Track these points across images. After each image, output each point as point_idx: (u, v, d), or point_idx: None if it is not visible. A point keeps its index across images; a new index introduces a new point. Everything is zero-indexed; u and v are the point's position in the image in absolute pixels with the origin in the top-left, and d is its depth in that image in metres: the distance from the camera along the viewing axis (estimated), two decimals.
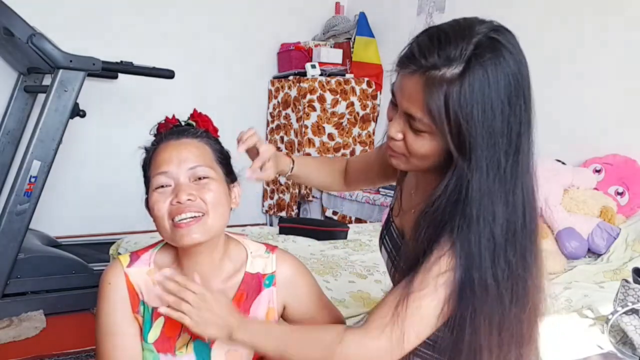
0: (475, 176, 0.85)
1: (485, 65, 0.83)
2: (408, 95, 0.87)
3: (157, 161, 1.01)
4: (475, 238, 0.86)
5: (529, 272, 0.90)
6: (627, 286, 1.44)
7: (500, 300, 0.87)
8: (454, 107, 0.83)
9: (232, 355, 1.04)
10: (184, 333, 1.03)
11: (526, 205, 0.89)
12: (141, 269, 1.04)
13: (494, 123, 0.83)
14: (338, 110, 3.73)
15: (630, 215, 2.39)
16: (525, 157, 0.88)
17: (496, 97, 0.83)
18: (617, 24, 2.60)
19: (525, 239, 0.89)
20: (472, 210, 0.85)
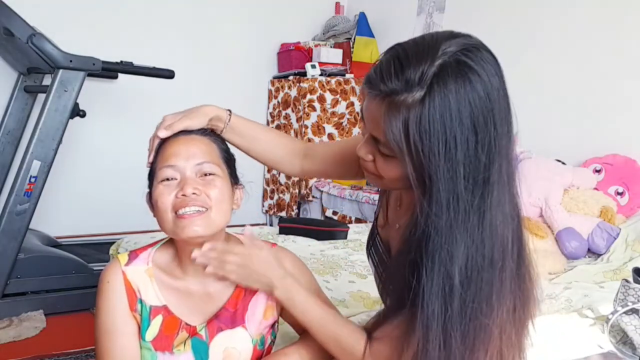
0: (433, 211, 0.79)
1: (448, 91, 0.76)
2: (372, 118, 0.84)
3: (165, 154, 1.01)
4: (430, 277, 0.80)
5: (490, 316, 0.82)
6: (627, 286, 1.44)
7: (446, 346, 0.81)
8: (413, 136, 0.77)
9: (230, 352, 1.04)
10: (182, 331, 1.03)
11: (495, 242, 0.81)
12: (139, 267, 1.05)
13: (456, 155, 0.77)
14: (338, 110, 3.73)
15: (630, 215, 2.39)
16: (496, 190, 0.80)
17: (459, 126, 0.76)
18: (618, 23, 2.60)
19: (493, 278, 0.81)
20: (430, 248, 0.80)
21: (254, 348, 1.06)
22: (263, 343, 1.08)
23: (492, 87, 0.78)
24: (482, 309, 0.81)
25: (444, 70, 0.76)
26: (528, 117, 2.78)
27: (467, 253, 0.80)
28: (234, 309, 1.05)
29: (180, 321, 1.03)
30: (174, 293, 1.05)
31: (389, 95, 0.79)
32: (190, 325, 1.04)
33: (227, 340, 1.04)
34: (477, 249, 0.80)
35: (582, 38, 2.74)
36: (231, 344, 1.04)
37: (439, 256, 0.79)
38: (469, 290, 0.80)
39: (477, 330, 0.82)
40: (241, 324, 1.05)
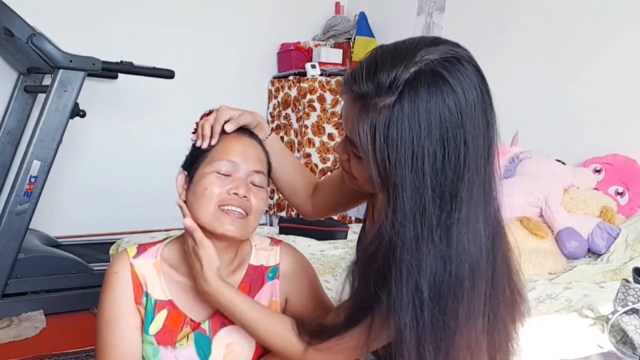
0: (399, 220, 0.77)
1: (419, 100, 0.74)
2: (346, 117, 0.84)
3: (229, 147, 1.02)
4: (399, 289, 0.77)
5: (458, 334, 0.80)
6: (627, 286, 1.44)
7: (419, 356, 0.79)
8: (379, 141, 0.76)
9: (233, 347, 1.05)
10: (186, 326, 1.03)
11: (463, 260, 0.78)
12: (147, 260, 1.05)
13: (423, 166, 0.75)
14: (338, 110, 3.72)
15: (630, 215, 2.38)
16: (465, 207, 0.77)
17: (427, 137, 0.74)
18: (617, 24, 2.60)
19: (461, 296, 0.78)
20: (397, 258, 0.77)
21: (257, 345, 1.07)
22: None
23: (466, 103, 0.76)
24: (451, 325, 0.79)
25: (417, 78, 0.75)
26: (528, 117, 2.78)
27: (434, 267, 0.77)
28: None
29: (185, 316, 1.03)
30: (180, 288, 1.05)
31: (361, 98, 0.78)
32: (194, 321, 1.04)
33: (230, 335, 1.04)
34: (445, 265, 0.77)
35: (582, 38, 2.73)
36: (234, 340, 1.04)
37: (407, 268, 0.77)
38: (438, 305, 0.78)
39: (448, 346, 0.80)
40: None
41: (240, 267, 1.08)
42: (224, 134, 1.04)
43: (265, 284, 1.08)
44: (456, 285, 0.78)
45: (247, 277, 1.07)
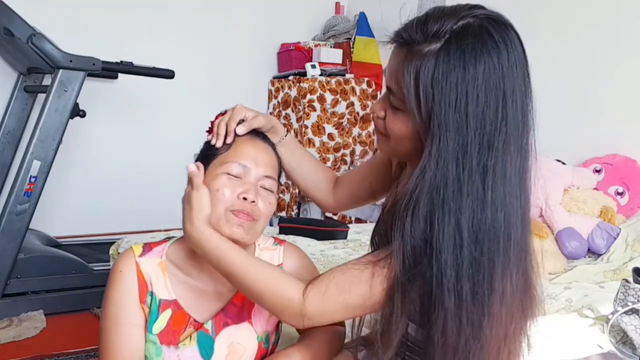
0: (443, 161, 0.80)
1: (464, 47, 0.79)
2: (390, 68, 0.88)
3: (241, 150, 1.03)
4: (441, 227, 0.81)
5: (498, 283, 0.83)
6: (627, 286, 1.44)
7: (458, 296, 0.82)
8: (424, 84, 0.80)
9: (235, 347, 1.05)
10: (189, 326, 1.03)
11: (498, 208, 0.82)
12: (153, 259, 1.05)
13: (467, 107, 0.79)
14: (338, 110, 3.73)
15: (630, 215, 2.39)
16: (497, 156, 0.82)
17: (471, 81, 0.79)
18: (617, 23, 2.60)
19: (496, 246, 0.82)
20: (439, 195, 0.81)
21: (259, 345, 1.07)
22: (268, 341, 1.09)
23: (508, 60, 0.81)
24: (489, 268, 0.82)
25: (464, 29, 0.80)
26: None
27: (473, 209, 0.81)
28: (240, 304, 1.06)
29: (188, 317, 1.04)
30: (185, 288, 1.05)
31: (408, 45, 0.83)
32: (198, 321, 1.04)
33: (233, 335, 1.04)
34: (482, 209, 0.81)
35: (582, 38, 2.74)
36: (236, 339, 1.04)
37: (448, 206, 0.80)
38: (476, 245, 0.81)
39: (485, 289, 0.82)
40: (247, 319, 1.06)
41: None
42: (237, 136, 1.05)
43: None
44: (493, 230, 0.82)
45: None
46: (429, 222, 0.82)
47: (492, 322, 0.84)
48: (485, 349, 0.85)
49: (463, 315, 0.83)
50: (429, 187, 0.82)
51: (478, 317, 0.83)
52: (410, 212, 0.83)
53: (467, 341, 0.84)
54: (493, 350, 0.86)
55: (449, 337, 0.83)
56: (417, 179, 0.84)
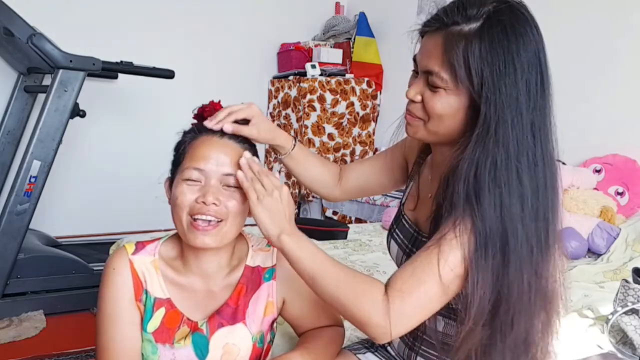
0: (500, 125, 0.86)
1: (504, 23, 0.86)
2: (428, 52, 0.92)
3: (196, 154, 1.00)
4: (505, 182, 0.86)
5: (551, 232, 0.91)
6: (627, 286, 1.44)
7: (528, 246, 0.87)
8: (475, 57, 0.86)
9: (230, 348, 1.05)
10: (183, 325, 1.03)
11: (546, 165, 0.91)
12: (146, 258, 1.05)
13: (515, 76, 0.86)
14: (338, 110, 3.73)
15: (630, 215, 2.39)
16: (541, 117, 0.90)
17: (515, 52, 0.86)
18: (617, 23, 2.60)
19: (547, 197, 0.90)
20: (500, 157, 0.86)
21: (254, 345, 1.07)
22: (262, 341, 1.09)
23: (538, 34, 0.90)
24: (545, 216, 0.90)
25: (498, 9, 0.88)
26: None
27: (528, 164, 0.88)
28: (235, 305, 1.06)
29: (182, 315, 1.04)
30: (177, 287, 1.05)
31: (449, 26, 0.89)
32: (191, 320, 1.04)
33: (227, 336, 1.04)
34: (535, 165, 0.89)
35: (582, 38, 2.74)
36: (231, 340, 1.04)
37: (510, 165, 0.86)
38: (535, 196, 0.88)
39: (543, 240, 0.89)
40: (242, 320, 1.06)
41: (237, 267, 1.08)
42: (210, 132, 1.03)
43: (262, 285, 1.08)
44: (543, 182, 0.90)
45: (244, 277, 1.07)
46: (496, 182, 0.87)
47: (549, 267, 0.91)
48: (546, 296, 0.92)
49: (531, 264, 0.88)
50: (490, 150, 0.87)
51: (542, 265, 0.90)
52: (474, 177, 0.88)
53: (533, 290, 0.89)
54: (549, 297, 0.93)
55: (523, 291, 0.87)
56: (475, 145, 0.88)
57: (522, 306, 0.88)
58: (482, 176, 0.87)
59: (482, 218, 0.86)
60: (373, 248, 2.26)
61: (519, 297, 0.88)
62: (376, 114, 3.92)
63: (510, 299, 0.87)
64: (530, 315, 0.90)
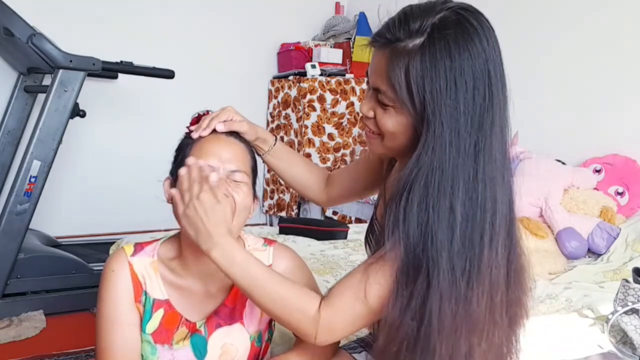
0: (438, 145, 0.84)
1: (448, 38, 0.83)
2: (374, 69, 0.90)
3: (203, 151, 1.02)
4: (435, 208, 0.84)
5: (485, 257, 0.86)
6: (627, 286, 1.44)
7: (452, 276, 0.84)
8: (415, 77, 0.83)
9: (228, 348, 1.05)
10: (181, 326, 1.03)
11: (487, 187, 0.86)
12: (145, 259, 1.05)
13: (457, 93, 0.83)
14: (338, 110, 3.73)
15: (630, 215, 2.39)
16: (489, 140, 0.85)
17: (458, 69, 0.82)
18: (617, 23, 2.60)
19: (484, 221, 0.86)
20: (434, 181, 0.84)
21: (252, 344, 1.07)
22: (260, 340, 1.09)
23: (487, 43, 0.85)
24: (479, 242, 0.86)
25: (443, 21, 0.84)
26: (528, 117, 2.78)
27: (465, 189, 0.85)
28: (232, 305, 1.06)
29: (180, 316, 1.04)
30: (176, 288, 1.05)
31: (393, 43, 0.86)
32: (190, 321, 1.04)
33: (225, 336, 1.05)
34: (474, 187, 0.85)
35: (582, 38, 2.74)
36: (229, 340, 1.05)
37: (443, 190, 0.84)
38: (468, 224, 0.85)
39: (475, 261, 0.86)
40: (239, 320, 1.06)
41: None
42: (212, 133, 1.05)
43: None
44: (482, 207, 0.86)
45: None
46: (424, 207, 0.85)
47: (479, 293, 0.87)
48: (473, 322, 0.88)
49: (455, 292, 0.85)
50: (424, 173, 0.85)
51: (469, 291, 0.86)
52: (405, 199, 0.86)
53: (458, 316, 0.86)
54: (480, 322, 0.89)
55: (444, 318, 0.85)
56: (412, 166, 0.86)
57: (444, 335, 0.86)
58: (413, 200, 0.85)
59: (407, 244, 0.85)
60: None
61: (440, 325, 0.86)
62: None
63: (431, 326, 0.86)
64: (454, 342, 0.87)
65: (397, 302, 0.86)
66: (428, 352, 0.87)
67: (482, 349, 0.91)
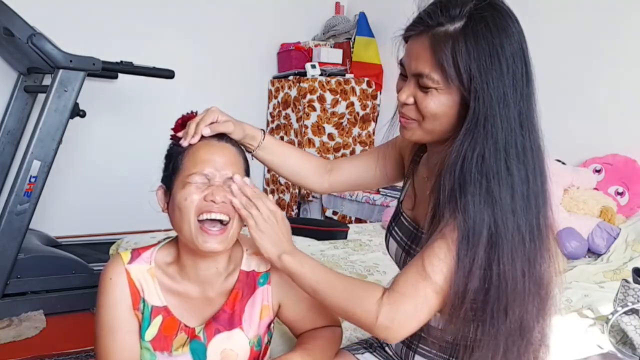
0: (489, 116, 0.88)
1: (487, 20, 0.88)
2: (416, 55, 0.93)
3: (197, 158, 1.01)
4: (494, 174, 0.88)
5: (542, 219, 0.91)
6: (627, 286, 1.44)
7: (520, 235, 0.88)
8: (462, 56, 0.88)
9: (228, 354, 1.05)
10: (180, 332, 1.03)
11: (535, 153, 0.91)
12: (142, 266, 1.05)
13: (501, 68, 0.88)
14: (338, 110, 3.73)
15: (630, 215, 2.39)
16: (527, 107, 0.91)
17: (499, 46, 0.88)
18: (618, 24, 2.60)
19: (537, 185, 0.91)
20: (488, 150, 0.88)
21: (251, 349, 1.07)
22: (260, 344, 1.09)
23: (519, 26, 0.92)
24: (536, 210, 0.90)
25: (479, 5, 0.89)
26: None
27: (517, 156, 0.89)
28: (231, 310, 1.06)
29: (179, 322, 1.03)
30: (174, 295, 1.05)
31: (434, 28, 0.91)
32: (188, 327, 1.04)
33: (225, 341, 1.04)
34: (524, 154, 0.90)
35: (582, 38, 2.74)
36: (228, 346, 1.04)
37: (499, 157, 0.88)
38: (524, 188, 0.89)
39: (535, 226, 0.90)
40: (238, 325, 1.06)
41: (233, 272, 1.07)
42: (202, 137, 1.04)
43: (257, 290, 1.08)
44: (533, 172, 0.90)
45: (239, 282, 1.07)
46: (484, 174, 0.88)
47: (542, 252, 0.92)
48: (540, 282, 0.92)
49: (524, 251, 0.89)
50: (479, 142, 0.88)
51: (534, 251, 0.90)
52: (460, 169, 0.89)
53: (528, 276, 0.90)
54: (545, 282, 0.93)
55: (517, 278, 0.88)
56: (463, 138, 0.90)
57: (516, 294, 0.89)
58: (468, 169, 0.88)
59: (466, 210, 0.87)
60: (373, 248, 2.26)
61: (512, 285, 0.88)
62: (376, 114, 3.92)
63: (502, 287, 0.88)
64: (524, 302, 0.90)
65: (460, 266, 0.88)
66: (498, 317, 0.89)
67: (547, 310, 0.95)
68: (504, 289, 0.88)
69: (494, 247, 0.87)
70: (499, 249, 0.87)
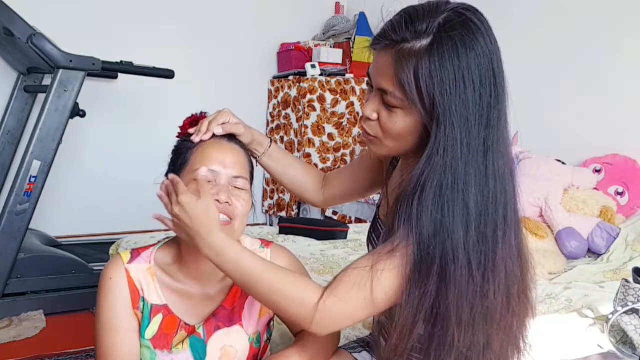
0: (449, 146, 0.84)
1: (455, 38, 0.84)
2: (380, 70, 0.89)
3: (207, 155, 1.03)
4: (449, 206, 0.85)
5: (500, 250, 0.88)
6: (627, 286, 1.44)
7: (469, 271, 0.85)
8: (424, 77, 0.83)
9: (227, 350, 1.05)
10: (180, 330, 1.04)
11: (497, 182, 0.87)
12: (141, 265, 1.05)
13: (466, 93, 0.84)
14: (338, 110, 3.73)
15: (630, 215, 2.39)
16: (494, 132, 0.87)
17: (466, 68, 0.83)
18: (618, 25, 2.60)
19: (497, 215, 0.87)
20: (447, 179, 0.85)
21: (251, 346, 1.07)
22: (259, 341, 1.09)
23: (490, 40, 0.87)
24: (493, 237, 0.87)
25: (448, 22, 0.85)
26: (528, 117, 2.78)
27: (478, 185, 0.86)
28: (231, 307, 1.06)
29: (179, 321, 1.04)
30: (174, 293, 1.05)
31: (399, 44, 0.86)
32: (189, 325, 1.04)
33: (225, 338, 1.05)
34: (486, 183, 0.87)
35: (582, 38, 2.74)
36: (228, 342, 1.05)
37: (457, 188, 0.85)
38: (482, 219, 0.86)
39: (490, 256, 0.87)
40: (238, 322, 1.06)
41: None
42: (214, 136, 1.06)
43: None
44: (494, 202, 0.87)
45: None
46: (439, 205, 0.85)
47: (496, 285, 0.88)
48: (491, 314, 0.89)
49: (472, 286, 0.86)
50: (437, 172, 0.85)
51: (486, 285, 0.87)
52: (418, 198, 0.86)
53: (476, 310, 0.87)
54: (497, 313, 0.90)
55: (462, 312, 0.86)
56: (423, 166, 0.87)
57: (462, 327, 0.87)
58: (426, 199, 0.85)
59: (420, 242, 0.85)
60: None
61: (458, 319, 0.86)
62: None
63: (448, 320, 0.86)
64: (473, 334, 0.88)
65: (410, 299, 0.87)
66: (445, 347, 0.88)
67: (500, 339, 0.92)
68: (451, 322, 0.86)
69: (444, 281, 0.85)
70: (447, 284, 0.85)
